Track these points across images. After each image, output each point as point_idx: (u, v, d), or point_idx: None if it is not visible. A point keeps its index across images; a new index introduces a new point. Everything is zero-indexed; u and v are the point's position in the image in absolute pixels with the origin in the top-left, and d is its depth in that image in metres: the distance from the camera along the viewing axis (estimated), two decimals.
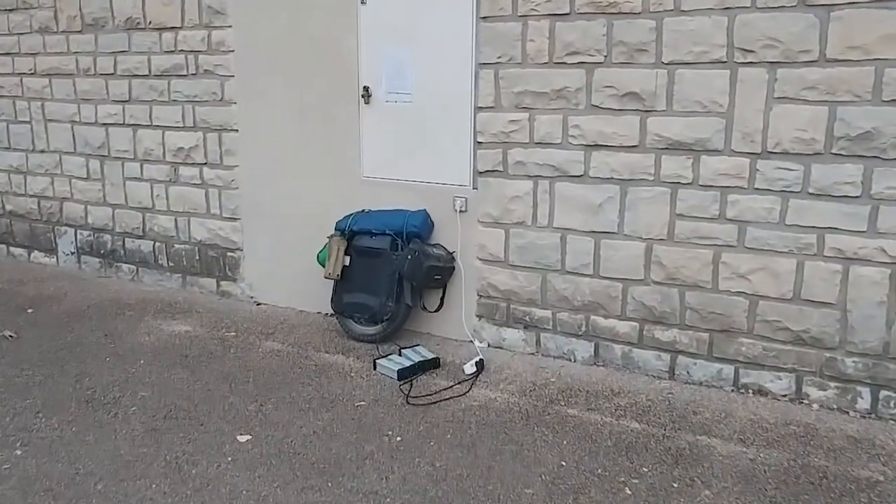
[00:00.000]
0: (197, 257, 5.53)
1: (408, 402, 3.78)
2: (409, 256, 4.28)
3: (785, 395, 3.78)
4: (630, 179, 3.91)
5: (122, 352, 4.45)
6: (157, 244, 5.71)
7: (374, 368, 4.17)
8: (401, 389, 3.92)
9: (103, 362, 4.29)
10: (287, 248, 5.11)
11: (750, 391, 3.85)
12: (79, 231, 6.09)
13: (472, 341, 4.51)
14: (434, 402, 3.78)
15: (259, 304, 5.30)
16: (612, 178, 3.95)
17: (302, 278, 5.04)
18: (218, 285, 5.49)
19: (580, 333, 4.22)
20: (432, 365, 4.18)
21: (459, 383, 3.99)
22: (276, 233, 5.14)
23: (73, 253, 6.17)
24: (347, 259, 4.55)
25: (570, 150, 4.03)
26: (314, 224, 4.92)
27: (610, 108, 3.90)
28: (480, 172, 4.30)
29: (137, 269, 5.86)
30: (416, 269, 4.26)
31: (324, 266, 4.60)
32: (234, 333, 4.76)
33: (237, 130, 5.15)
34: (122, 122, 5.61)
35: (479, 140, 4.27)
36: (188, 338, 4.67)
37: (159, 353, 4.44)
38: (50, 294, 5.54)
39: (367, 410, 3.71)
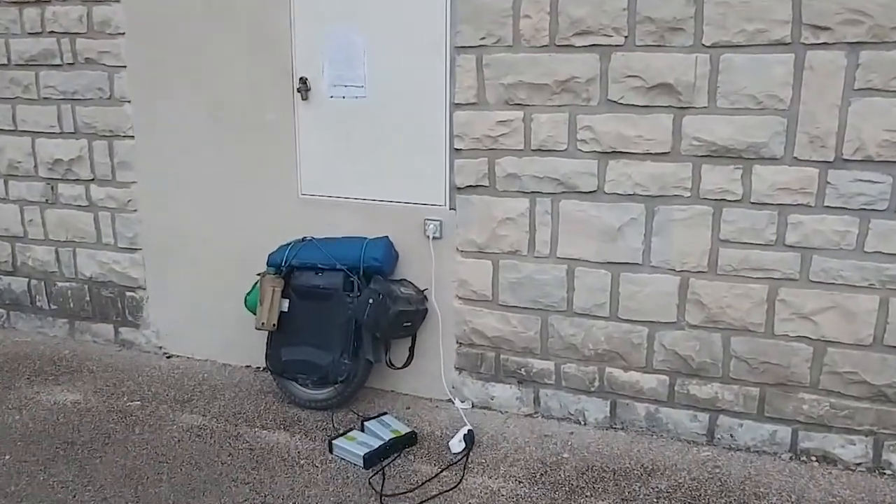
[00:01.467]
0: (87, 298, 4.36)
1: None
2: (371, 300, 3.28)
3: (860, 464, 2.99)
4: (659, 196, 3.04)
5: None
6: (34, 282, 4.49)
7: (331, 451, 3.16)
8: (370, 484, 2.93)
9: None
10: (203, 286, 4.01)
11: (813, 459, 3.05)
12: None
13: (451, 401, 3.56)
14: (420, 503, 2.81)
15: (170, 357, 4.18)
16: (635, 194, 3.07)
17: (224, 323, 3.96)
18: (116, 333, 4.34)
19: (592, 390, 3.33)
20: (407, 442, 3.20)
21: (447, 468, 3.04)
22: (188, 267, 4.03)
23: None
24: (286, 303, 3.51)
25: (580, 158, 3.12)
26: (238, 257, 3.86)
27: (633, 105, 3.01)
28: (459, 188, 3.35)
29: (8, 314, 4.62)
30: (381, 317, 3.27)
31: (254, 313, 3.54)
32: (138, 402, 3.64)
33: (133, 137, 4.01)
34: None
35: (456, 146, 3.31)
36: (76, 412, 3.53)
37: (34, 439, 3.29)
38: None
39: None
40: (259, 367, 3.95)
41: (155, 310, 4.20)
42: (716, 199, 2.98)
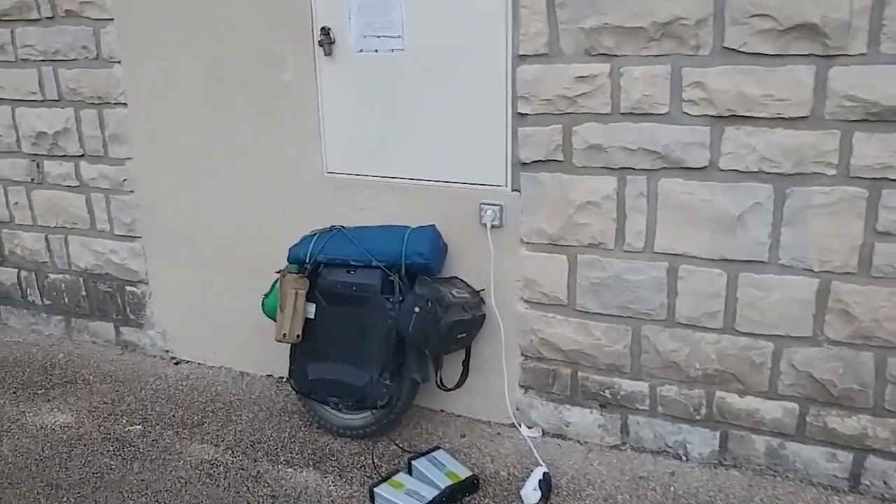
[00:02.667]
0: (83, 292, 3.75)
1: None
2: (418, 308, 2.60)
3: None
4: (794, 174, 2.29)
5: None
6: (24, 273, 3.89)
7: (372, 501, 2.53)
8: None
9: None
10: (214, 281, 3.37)
11: None
12: None
13: (515, 426, 2.90)
14: None
15: (178, 363, 3.57)
16: (760, 171, 2.33)
17: (240, 325, 3.33)
18: (117, 332, 3.73)
19: (697, 418, 2.64)
20: (468, 489, 2.56)
21: None
22: (195, 260, 3.39)
23: None
24: (312, 309, 2.85)
25: (687, 124, 2.38)
26: (254, 248, 3.20)
27: (759, 54, 2.25)
28: (525, 164, 2.63)
29: None
30: (431, 330, 2.59)
31: (274, 319, 2.89)
32: (140, 426, 3.04)
33: (125, 105, 3.34)
34: None
35: (521, 111, 2.58)
36: (66, 441, 2.94)
37: (12, 480, 2.71)
38: None
39: None
40: (282, 378, 3.32)
41: (160, 308, 3.58)
42: (872, 179, 2.22)
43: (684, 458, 2.69)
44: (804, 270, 2.36)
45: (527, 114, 2.58)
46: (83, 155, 3.50)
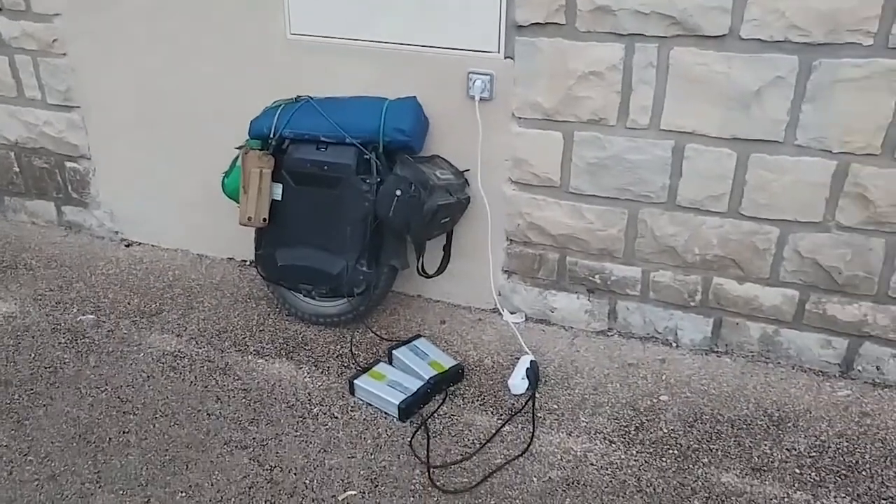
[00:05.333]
0: (15, 168, 3.38)
1: (433, 484, 2.05)
2: (399, 192, 2.36)
3: None
4: (824, 45, 2.07)
5: None
6: None
7: (352, 392, 2.39)
8: (411, 448, 2.17)
9: None
10: (165, 156, 3.05)
11: None
12: None
13: (497, 311, 2.76)
14: (481, 480, 2.07)
15: (129, 245, 3.29)
16: (786, 40, 2.09)
17: (196, 203, 3.06)
18: (59, 212, 3.41)
19: (691, 305, 2.53)
20: (452, 379, 2.43)
21: (510, 420, 2.28)
22: (143, 132, 3.04)
23: None
24: (278, 189, 2.59)
25: None
26: (210, 118, 2.87)
27: None
28: (521, 27, 2.34)
29: None
30: (413, 215, 2.37)
31: (236, 200, 2.62)
32: (93, 315, 2.80)
33: None
34: None
35: None
36: (12, 332, 2.70)
37: None
38: None
39: None
40: (245, 262, 3.10)
41: (106, 185, 3.25)
42: None
43: (674, 344, 2.60)
44: (821, 151, 2.19)
45: None
46: (1, 9, 3.04)
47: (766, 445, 2.17)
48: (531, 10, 2.29)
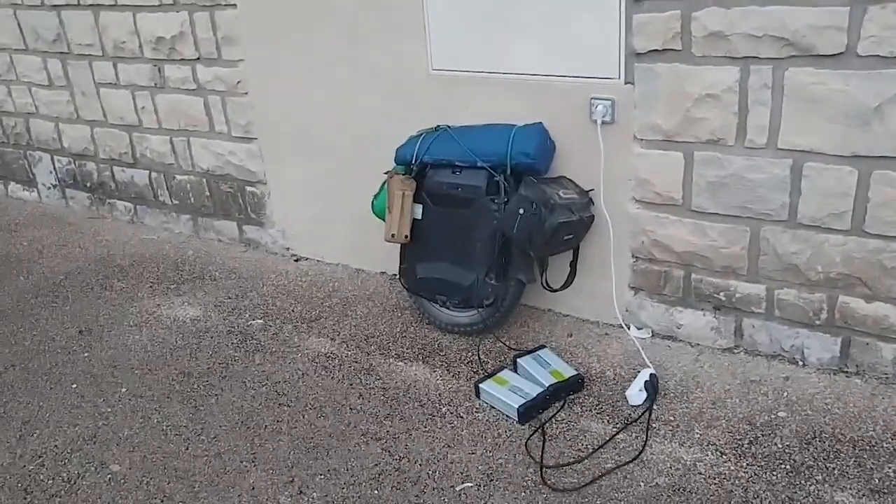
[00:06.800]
0: (206, 192, 3.93)
1: (544, 482, 2.21)
2: (521, 210, 2.56)
3: None
4: None
5: (97, 367, 2.98)
6: (154, 174, 4.11)
7: (477, 395, 2.60)
8: (526, 449, 2.34)
9: (66, 394, 2.84)
10: (327, 180, 3.44)
11: None
12: (56, 157, 4.53)
13: (623, 327, 2.86)
14: (590, 482, 2.20)
15: (298, 260, 3.72)
16: None
17: (354, 223, 3.41)
18: (241, 231, 3.92)
19: (817, 322, 2.51)
20: (572, 388, 2.57)
21: (624, 429, 2.39)
22: (308, 160, 3.46)
23: (55, 185, 4.65)
24: (419, 209, 2.87)
25: (822, 5, 2.14)
26: (363, 147, 3.23)
27: None
28: (640, 54, 2.47)
29: (135, 208, 4.32)
30: (535, 232, 2.56)
31: (383, 219, 2.93)
32: (261, 320, 3.22)
33: (234, 5, 3.36)
34: (75, 3, 3.86)
35: None
36: (195, 333, 3.16)
37: (150, 367, 2.95)
38: (21, 252, 4.07)
39: None
40: (395, 275, 3.40)
41: (279, 207, 3.70)
42: None
43: (801, 363, 2.58)
44: None
45: None
46: (198, 58, 3.59)
47: (890, 468, 2.13)
48: (649, 37, 2.42)
